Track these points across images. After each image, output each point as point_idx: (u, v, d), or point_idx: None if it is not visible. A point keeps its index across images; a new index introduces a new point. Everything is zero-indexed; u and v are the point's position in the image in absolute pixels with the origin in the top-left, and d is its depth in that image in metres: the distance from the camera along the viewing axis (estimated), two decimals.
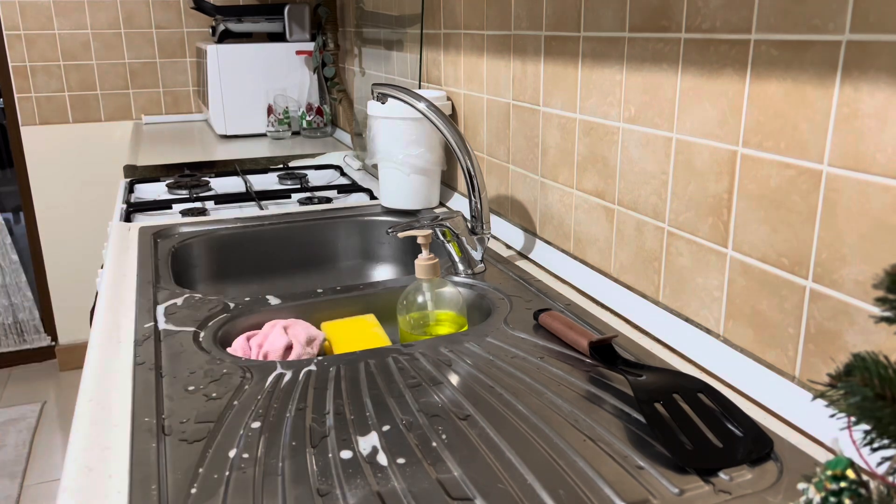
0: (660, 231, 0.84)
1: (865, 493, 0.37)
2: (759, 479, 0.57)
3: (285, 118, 2.30)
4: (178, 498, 0.56)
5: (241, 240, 1.30)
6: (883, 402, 0.36)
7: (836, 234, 0.61)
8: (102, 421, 0.68)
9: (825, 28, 0.60)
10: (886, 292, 0.37)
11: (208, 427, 0.66)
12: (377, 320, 0.95)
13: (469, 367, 0.77)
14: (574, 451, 0.61)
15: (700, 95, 0.75)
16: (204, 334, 0.86)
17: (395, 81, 1.74)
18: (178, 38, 2.77)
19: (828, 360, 0.64)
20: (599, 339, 0.76)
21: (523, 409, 0.68)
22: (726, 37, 0.71)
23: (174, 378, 0.75)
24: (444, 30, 1.39)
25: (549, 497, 0.55)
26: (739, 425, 0.63)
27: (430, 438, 0.64)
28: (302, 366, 0.77)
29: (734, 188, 0.72)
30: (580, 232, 1.01)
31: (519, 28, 1.10)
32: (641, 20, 0.83)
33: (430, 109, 1.04)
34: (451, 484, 0.57)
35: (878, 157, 0.57)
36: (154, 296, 0.98)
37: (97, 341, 0.85)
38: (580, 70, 0.96)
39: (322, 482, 0.58)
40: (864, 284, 0.59)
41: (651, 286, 0.87)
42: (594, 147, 0.95)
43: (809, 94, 0.62)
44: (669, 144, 0.81)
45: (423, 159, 1.34)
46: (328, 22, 2.28)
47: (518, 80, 1.13)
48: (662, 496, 0.56)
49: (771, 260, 0.69)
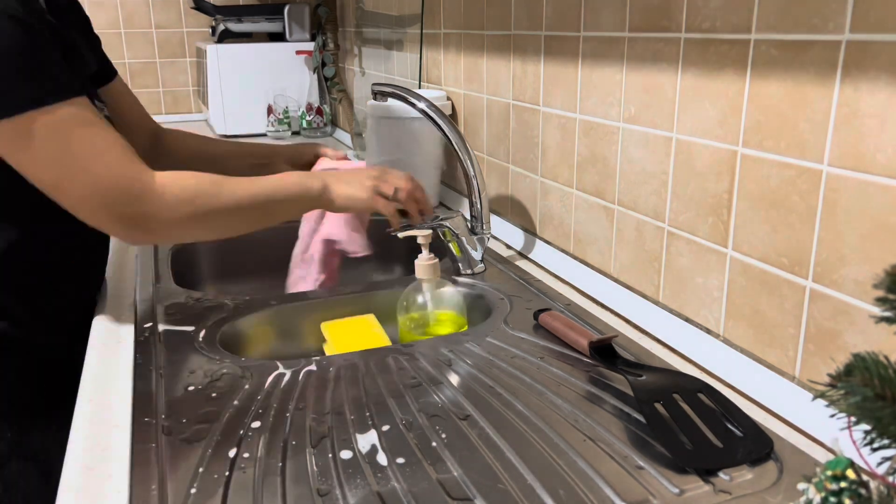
0: (660, 231, 0.84)
1: (865, 494, 0.37)
2: (759, 479, 0.57)
3: (285, 118, 2.30)
4: (178, 498, 0.56)
5: (241, 240, 1.30)
6: (883, 402, 0.36)
7: (836, 234, 0.61)
8: (102, 421, 0.68)
9: (825, 28, 0.60)
10: (886, 292, 0.37)
11: (208, 427, 0.66)
12: (377, 320, 0.95)
13: (469, 367, 0.77)
14: (574, 451, 0.61)
15: (700, 95, 0.75)
16: (204, 334, 0.86)
17: (395, 81, 1.74)
18: (178, 38, 2.77)
19: (828, 360, 0.64)
20: (599, 339, 0.76)
21: (523, 409, 0.68)
22: (726, 37, 0.71)
23: (174, 378, 0.75)
24: (444, 30, 1.39)
25: (549, 497, 0.55)
26: (739, 425, 0.63)
27: (429, 438, 0.64)
28: (302, 366, 0.77)
29: (734, 188, 0.72)
30: (580, 232, 1.01)
31: (519, 28, 1.10)
32: (641, 20, 0.83)
33: (430, 109, 1.04)
34: (451, 484, 0.57)
35: (878, 157, 0.57)
36: (154, 296, 0.98)
37: (97, 341, 0.85)
38: (580, 70, 0.96)
39: (322, 482, 0.58)
40: (864, 284, 0.59)
41: (651, 286, 0.87)
42: (594, 147, 0.95)
43: (809, 94, 0.62)
44: (669, 144, 0.81)
45: (423, 159, 1.34)
46: (328, 22, 2.28)
47: (518, 79, 1.13)
48: (662, 496, 0.56)
49: (771, 260, 0.69)
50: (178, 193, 0.80)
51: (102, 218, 0.79)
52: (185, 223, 0.82)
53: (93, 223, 0.79)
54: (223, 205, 0.83)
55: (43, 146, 0.74)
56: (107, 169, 0.77)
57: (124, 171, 0.78)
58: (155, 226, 0.80)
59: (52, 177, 0.76)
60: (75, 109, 0.76)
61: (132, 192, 0.78)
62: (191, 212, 0.81)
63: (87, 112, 0.77)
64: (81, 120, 0.76)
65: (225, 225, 0.86)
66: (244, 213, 0.86)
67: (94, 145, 0.77)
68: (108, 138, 0.78)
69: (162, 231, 0.82)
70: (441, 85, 1.44)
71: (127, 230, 0.81)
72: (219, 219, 0.84)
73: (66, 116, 0.75)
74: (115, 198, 0.78)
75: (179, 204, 0.80)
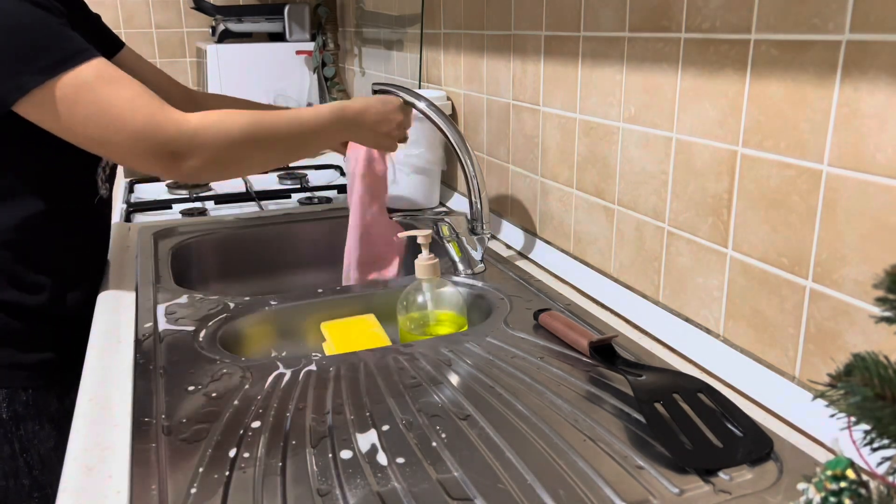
0: (660, 231, 0.84)
1: (865, 493, 0.37)
2: (759, 479, 0.57)
3: None
4: (178, 498, 0.56)
5: (241, 239, 1.30)
6: (883, 402, 0.36)
7: (836, 234, 0.61)
8: (102, 421, 0.68)
9: (825, 28, 0.60)
10: (886, 292, 0.37)
11: (208, 427, 0.66)
12: (377, 320, 0.95)
13: (469, 367, 0.77)
14: (574, 451, 0.61)
15: (700, 95, 0.75)
16: (204, 334, 0.86)
17: (395, 81, 1.74)
18: (178, 38, 2.77)
19: (828, 360, 0.64)
20: (599, 339, 0.76)
21: (523, 409, 0.68)
22: (726, 37, 0.71)
23: (174, 378, 0.75)
24: (444, 30, 1.39)
25: (549, 497, 0.55)
26: (739, 425, 0.63)
27: (430, 438, 0.64)
28: (302, 366, 0.77)
29: (734, 188, 0.72)
30: (580, 232, 1.01)
31: (519, 28, 1.10)
32: (641, 20, 0.83)
33: (430, 108, 1.04)
34: (451, 484, 0.57)
35: (878, 157, 0.57)
36: (154, 296, 0.98)
37: (97, 341, 0.85)
38: (580, 70, 0.96)
39: (322, 482, 0.58)
40: (864, 284, 0.59)
41: (651, 286, 0.87)
42: (594, 147, 0.95)
43: (809, 94, 0.62)
44: (669, 144, 0.81)
45: (423, 159, 1.34)
46: (328, 22, 2.28)
47: (518, 79, 1.13)
48: (662, 496, 0.56)
49: (771, 260, 0.69)
50: (216, 130, 0.85)
51: (151, 162, 0.84)
52: (227, 157, 0.87)
53: (144, 169, 0.85)
54: (262, 138, 0.90)
55: (76, 108, 0.80)
56: (141, 116, 0.82)
57: (159, 118, 0.82)
58: (201, 163, 0.85)
59: (95, 134, 0.82)
60: (97, 68, 0.81)
61: (171, 135, 0.82)
62: (229, 146, 0.86)
63: (109, 69, 0.83)
64: (107, 78, 0.82)
65: (264, 158, 0.93)
66: (282, 145, 0.93)
67: (123, 98, 0.82)
68: (134, 89, 0.83)
69: (209, 167, 0.86)
70: (441, 85, 1.44)
71: (177, 170, 0.85)
72: (258, 152, 0.90)
73: (91, 76, 0.80)
74: (158, 143, 0.82)
75: (219, 140, 0.85)
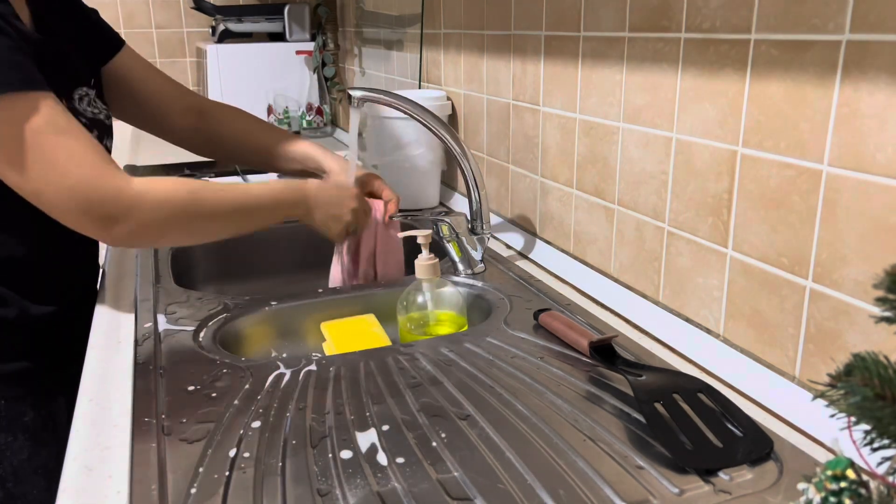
0: (660, 231, 0.84)
1: (865, 493, 0.37)
2: (759, 479, 0.57)
3: (285, 118, 2.30)
4: (178, 498, 0.56)
5: (241, 240, 1.30)
6: (883, 402, 0.36)
7: (836, 234, 0.61)
8: (102, 421, 0.68)
9: (825, 28, 0.60)
10: (886, 292, 0.37)
11: (208, 427, 0.66)
12: (377, 320, 0.95)
13: (469, 367, 0.77)
14: (574, 451, 0.61)
15: (700, 95, 0.75)
16: (204, 334, 0.86)
17: (396, 81, 1.74)
18: (178, 38, 2.77)
19: (828, 360, 0.64)
20: (599, 339, 0.76)
21: (523, 409, 0.68)
22: (726, 37, 0.71)
23: (174, 378, 0.75)
24: (444, 30, 1.39)
25: (549, 497, 0.55)
26: (739, 425, 0.63)
27: (429, 438, 0.64)
28: (302, 366, 0.77)
29: (734, 188, 0.72)
30: (580, 232, 1.01)
31: (519, 28, 1.10)
32: (641, 20, 0.83)
33: (416, 111, 1.03)
34: (451, 484, 0.57)
35: (878, 157, 0.57)
36: (154, 296, 0.98)
37: (97, 341, 0.85)
38: (580, 70, 0.96)
39: (322, 482, 0.58)
40: (864, 284, 0.59)
41: (651, 286, 0.87)
42: (594, 147, 0.95)
43: (809, 94, 0.62)
44: (669, 144, 0.81)
45: (423, 159, 1.34)
46: (328, 22, 2.28)
47: (518, 79, 1.13)
48: (662, 496, 0.56)
49: (771, 260, 0.69)
50: (155, 198, 0.83)
51: (84, 222, 0.81)
52: (164, 227, 0.85)
53: (75, 227, 0.82)
54: (204, 211, 0.87)
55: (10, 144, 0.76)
56: (83, 174, 0.79)
57: (100, 177, 0.80)
58: (135, 229, 0.82)
59: (32, 185, 0.78)
60: (45, 111, 0.77)
61: (109, 196, 0.80)
62: (168, 216, 0.84)
63: (59, 118, 0.79)
64: (54, 127, 0.78)
65: (203, 230, 0.90)
66: (224, 219, 0.90)
67: (68, 151, 0.79)
68: (82, 144, 0.80)
69: (142, 235, 0.84)
70: (441, 85, 1.44)
71: (107, 234, 0.83)
72: (197, 224, 0.88)
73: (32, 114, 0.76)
74: (93, 202, 0.79)
75: (157, 209, 0.83)
